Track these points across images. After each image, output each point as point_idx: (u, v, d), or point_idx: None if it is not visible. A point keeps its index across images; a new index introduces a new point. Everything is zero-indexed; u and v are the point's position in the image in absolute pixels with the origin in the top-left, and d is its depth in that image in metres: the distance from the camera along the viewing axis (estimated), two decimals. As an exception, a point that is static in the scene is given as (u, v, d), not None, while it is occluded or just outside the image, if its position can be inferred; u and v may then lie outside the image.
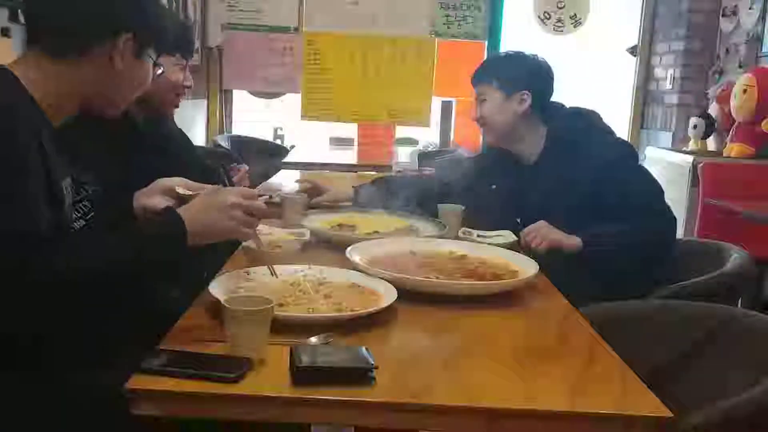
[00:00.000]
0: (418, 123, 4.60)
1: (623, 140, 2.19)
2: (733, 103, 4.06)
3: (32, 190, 1.16)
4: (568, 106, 2.21)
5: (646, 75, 5.23)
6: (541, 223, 1.91)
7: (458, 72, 4.66)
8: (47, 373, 1.16)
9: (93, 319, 1.20)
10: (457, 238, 1.97)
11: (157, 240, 1.26)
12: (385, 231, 1.99)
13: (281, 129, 5.14)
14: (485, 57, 2.30)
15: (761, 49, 4.25)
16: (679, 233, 2.29)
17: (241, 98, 5.01)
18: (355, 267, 1.55)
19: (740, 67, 4.40)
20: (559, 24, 4.86)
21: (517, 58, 2.21)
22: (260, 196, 1.52)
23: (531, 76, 2.16)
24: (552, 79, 2.19)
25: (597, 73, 5.17)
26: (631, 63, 5.25)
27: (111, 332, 1.22)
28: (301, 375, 1.03)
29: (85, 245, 1.22)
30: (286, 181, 3.21)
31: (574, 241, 1.89)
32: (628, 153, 2.10)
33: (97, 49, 1.27)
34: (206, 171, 1.97)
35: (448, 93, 4.76)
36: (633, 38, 5.23)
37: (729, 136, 4.22)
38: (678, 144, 4.69)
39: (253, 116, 5.16)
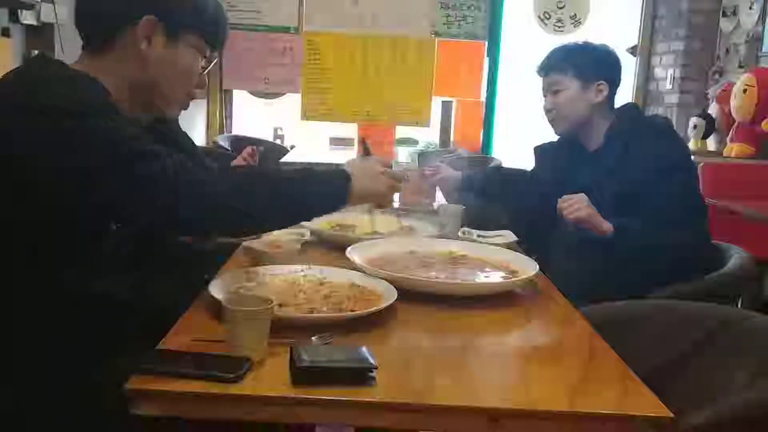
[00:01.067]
0: (418, 123, 4.60)
1: (682, 151, 2.09)
2: (733, 103, 4.07)
3: None
4: (641, 110, 2.22)
5: (646, 75, 5.23)
6: (582, 195, 1.91)
7: (458, 72, 4.67)
8: (47, 373, 1.16)
9: (93, 319, 1.20)
10: (457, 238, 1.97)
11: (324, 183, 1.35)
12: (385, 231, 1.99)
13: (281, 129, 5.13)
14: (554, 48, 2.24)
15: (761, 49, 4.26)
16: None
17: (241, 98, 5.01)
18: (355, 267, 1.55)
19: (740, 67, 4.40)
20: (559, 24, 4.86)
21: (593, 47, 2.18)
22: None
23: (609, 65, 2.15)
24: (621, 70, 2.19)
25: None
26: (631, 63, 5.25)
27: (111, 332, 1.22)
28: (301, 375, 1.03)
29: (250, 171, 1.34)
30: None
31: (605, 225, 1.88)
32: (678, 165, 2.01)
33: (123, 35, 1.29)
34: None
35: (448, 93, 4.75)
36: (633, 38, 5.23)
37: (729, 136, 4.22)
38: (678, 144, 4.69)
39: (253, 116, 5.15)
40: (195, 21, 1.35)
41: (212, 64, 1.41)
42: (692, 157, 2.13)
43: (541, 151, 2.38)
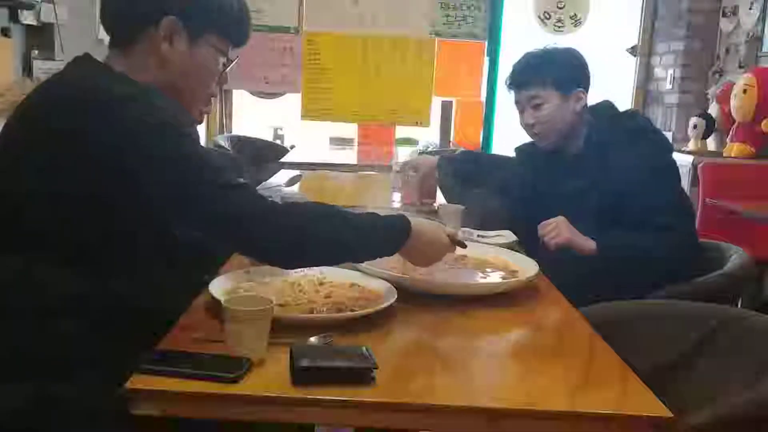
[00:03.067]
0: (418, 123, 4.60)
1: (663, 152, 2.05)
2: (733, 103, 4.07)
3: None
4: (617, 107, 2.15)
5: (646, 75, 5.23)
6: (561, 218, 1.89)
7: (458, 72, 4.67)
8: (46, 373, 1.16)
9: (93, 318, 1.20)
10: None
11: (381, 229, 1.35)
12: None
13: (281, 129, 5.13)
14: (521, 60, 2.14)
15: (761, 49, 4.26)
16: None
17: (241, 98, 5.01)
18: (355, 267, 1.55)
19: (740, 67, 4.40)
20: (559, 24, 4.86)
21: (562, 54, 2.11)
22: None
23: (582, 71, 2.10)
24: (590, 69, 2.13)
25: (597, 73, 5.17)
26: (631, 63, 5.25)
27: (111, 332, 1.22)
28: (301, 375, 1.03)
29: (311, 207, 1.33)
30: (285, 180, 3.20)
31: (588, 245, 1.87)
32: (660, 167, 1.97)
33: (145, 35, 1.29)
34: None
35: (448, 93, 4.76)
36: (633, 38, 5.23)
37: (729, 136, 4.23)
38: (678, 144, 4.70)
39: (253, 116, 5.15)
40: (217, 21, 1.35)
41: (234, 62, 1.41)
42: (673, 154, 2.10)
43: (521, 153, 2.32)
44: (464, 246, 1.56)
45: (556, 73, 2.06)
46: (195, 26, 1.31)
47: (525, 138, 2.21)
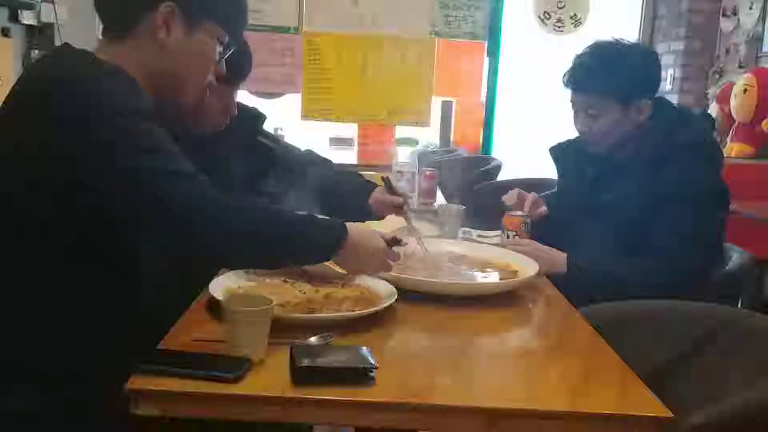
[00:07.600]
0: (418, 123, 4.60)
1: (707, 174, 1.82)
2: (733, 103, 4.07)
3: None
4: (682, 111, 1.94)
5: (646, 75, 5.23)
6: (531, 247, 1.78)
7: (458, 72, 4.67)
8: (46, 373, 1.16)
9: (93, 318, 1.20)
10: (457, 238, 1.97)
11: (314, 234, 1.31)
12: (386, 231, 1.98)
13: (281, 129, 5.13)
14: (583, 54, 1.85)
15: (761, 49, 4.26)
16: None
17: (241, 98, 5.01)
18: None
19: (740, 67, 4.40)
20: (559, 24, 4.86)
21: (632, 55, 1.83)
22: None
23: (651, 78, 1.85)
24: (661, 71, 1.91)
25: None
26: (631, 63, 5.24)
27: (111, 332, 1.22)
28: (301, 375, 1.03)
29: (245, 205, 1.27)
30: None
31: (556, 269, 1.75)
32: (693, 192, 1.77)
33: (141, 22, 1.26)
34: None
35: (448, 93, 4.76)
36: (633, 38, 5.23)
37: (729, 136, 4.22)
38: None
39: (253, 116, 5.15)
40: (215, 9, 1.33)
41: (230, 53, 1.40)
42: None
43: (560, 152, 2.09)
44: (401, 244, 1.49)
45: (621, 80, 1.79)
46: (193, 13, 1.29)
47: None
